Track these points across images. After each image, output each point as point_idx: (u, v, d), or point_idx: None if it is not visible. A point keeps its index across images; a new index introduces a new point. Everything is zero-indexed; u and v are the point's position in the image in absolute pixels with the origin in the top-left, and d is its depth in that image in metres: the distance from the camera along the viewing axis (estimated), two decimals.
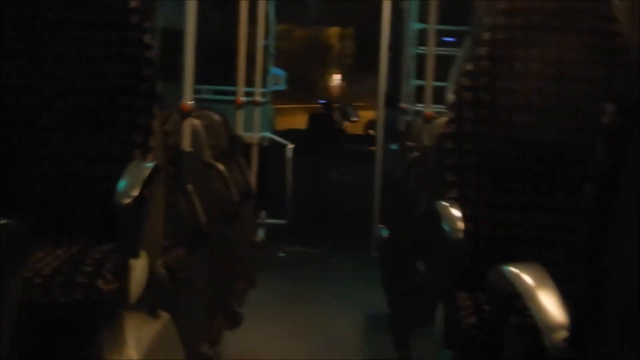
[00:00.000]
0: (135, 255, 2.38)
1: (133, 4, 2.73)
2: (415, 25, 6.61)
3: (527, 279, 1.57)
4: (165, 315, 2.80)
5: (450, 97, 2.82)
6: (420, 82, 5.85)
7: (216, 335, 4.06)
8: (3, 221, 1.70)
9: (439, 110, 4.61)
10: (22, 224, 1.78)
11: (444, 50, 5.54)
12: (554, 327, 1.40)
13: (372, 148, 7.27)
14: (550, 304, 1.45)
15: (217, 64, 7.28)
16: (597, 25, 2.71)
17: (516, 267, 1.64)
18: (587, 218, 1.33)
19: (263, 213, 6.36)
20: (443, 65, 4.88)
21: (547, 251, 2.54)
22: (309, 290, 6.01)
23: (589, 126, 2.65)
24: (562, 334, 1.37)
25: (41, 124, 2.64)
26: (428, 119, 4.34)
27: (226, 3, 6.68)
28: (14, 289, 1.83)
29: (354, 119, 10.53)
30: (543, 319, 1.43)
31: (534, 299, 1.50)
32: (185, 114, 3.63)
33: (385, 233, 5.11)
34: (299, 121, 10.63)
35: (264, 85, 6.99)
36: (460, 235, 2.33)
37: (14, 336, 1.82)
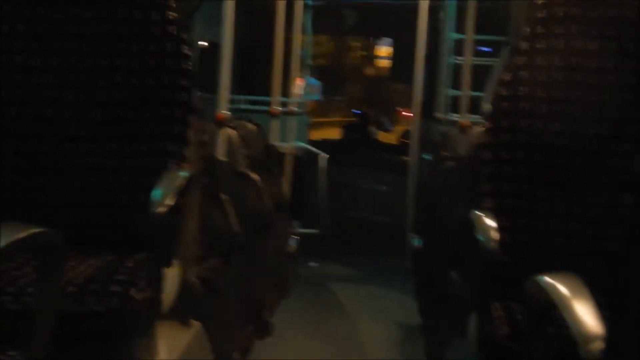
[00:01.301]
0: (169, 265, 2.38)
1: (171, 16, 2.74)
2: (452, 35, 6.60)
3: (563, 289, 1.55)
4: (197, 325, 2.80)
5: (488, 106, 2.80)
6: (456, 92, 5.83)
7: (247, 345, 4.06)
8: (40, 229, 1.70)
9: (475, 120, 4.59)
10: (59, 232, 1.79)
11: (481, 60, 5.52)
12: (590, 338, 1.38)
13: (406, 158, 7.24)
14: (587, 315, 1.43)
15: (253, 74, 7.30)
16: (637, 34, 2.69)
17: (552, 277, 1.62)
18: (625, 228, 1.31)
19: (296, 223, 6.36)
20: (478, 75, 4.86)
21: (583, 261, 2.52)
22: (340, 300, 5.98)
23: (628, 135, 2.63)
24: (599, 345, 1.35)
25: (82, 136, 2.66)
26: (464, 129, 4.32)
27: (263, 14, 6.70)
28: (51, 299, 1.84)
29: (389, 129, 10.50)
30: (579, 329, 1.41)
31: (570, 309, 1.48)
32: (221, 124, 3.64)
33: (418, 243, 5.08)
34: (335, 133, 10.62)
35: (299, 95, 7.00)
36: (495, 245, 2.31)
37: (49, 344, 1.83)
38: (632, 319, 1.27)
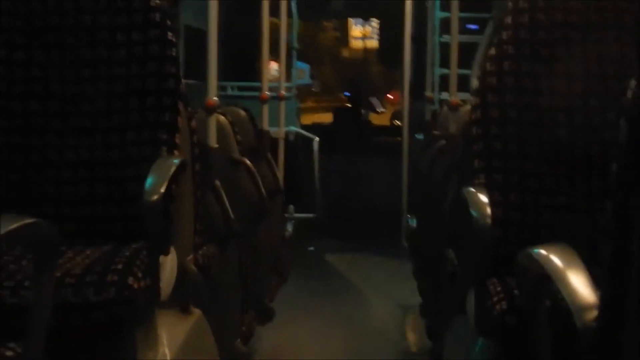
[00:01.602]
0: (165, 253, 2.39)
1: (154, 3, 2.74)
2: (438, 14, 6.61)
3: (557, 260, 1.56)
4: (197, 312, 2.81)
5: (475, 83, 2.80)
6: (445, 71, 5.84)
7: (249, 331, 4.07)
8: (33, 220, 1.71)
9: (465, 98, 4.60)
10: (51, 224, 1.80)
11: (468, 38, 5.53)
12: (584, 307, 1.39)
13: (399, 139, 7.26)
14: (581, 285, 1.44)
15: (241, 60, 7.31)
16: (618, 3, 2.69)
17: (545, 249, 1.63)
18: (612, 199, 1.32)
19: (291, 207, 6.38)
20: (468, 53, 4.86)
21: (577, 235, 2.53)
22: (339, 283, 6.01)
23: (617, 107, 2.63)
24: (593, 314, 1.36)
25: (70, 129, 2.66)
26: (454, 107, 4.32)
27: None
28: (47, 291, 1.85)
29: (380, 111, 10.51)
30: (573, 299, 1.42)
31: (563, 280, 1.48)
32: (211, 110, 3.64)
33: (414, 223, 5.10)
34: (326, 116, 10.62)
35: (288, 79, 7.01)
36: (489, 221, 2.32)
37: (46, 336, 1.83)
38: (627, 290, 1.28)
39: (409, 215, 5.84)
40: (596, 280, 1.45)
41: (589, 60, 2.66)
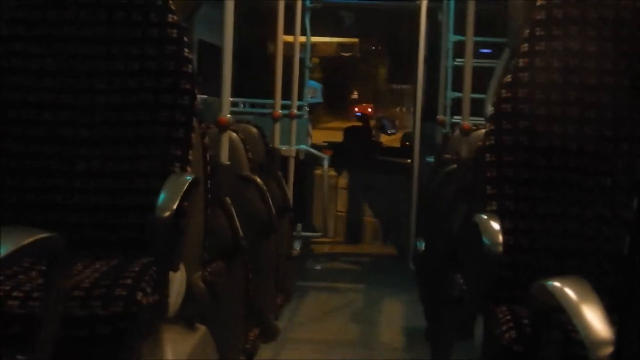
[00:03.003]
0: (175, 269, 2.39)
1: (171, 18, 2.74)
2: (452, 37, 6.62)
3: (572, 293, 1.55)
4: (202, 328, 2.80)
5: (489, 109, 2.81)
6: (457, 95, 5.84)
7: (252, 348, 4.06)
8: (46, 234, 1.71)
9: (476, 122, 4.59)
10: (63, 237, 1.79)
11: (481, 62, 5.53)
12: (599, 343, 1.38)
13: (409, 160, 7.25)
14: (595, 319, 1.43)
15: (255, 77, 7.33)
16: (636, 34, 2.69)
17: (559, 281, 1.62)
18: (630, 230, 1.31)
19: (299, 226, 6.37)
20: (480, 77, 4.86)
21: (587, 263, 2.52)
22: (345, 303, 5.99)
23: (629, 136, 2.63)
24: (608, 349, 1.35)
25: (81, 139, 2.66)
26: (466, 131, 4.32)
27: (263, 16, 6.72)
28: (56, 303, 1.84)
29: (391, 132, 10.51)
30: (588, 334, 1.41)
31: (578, 314, 1.47)
32: (223, 127, 3.64)
33: (422, 245, 5.09)
34: (337, 135, 10.61)
35: (300, 98, 7.02)
36: (500, 248, 2.31)
37: (53, 349, 1.83)
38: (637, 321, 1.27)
39: (417, 238, 5.83)
40: (610, 311, 1.44)
41: (603, 89, 2.66)
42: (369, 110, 12.27)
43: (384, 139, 10.23)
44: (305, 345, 4.76)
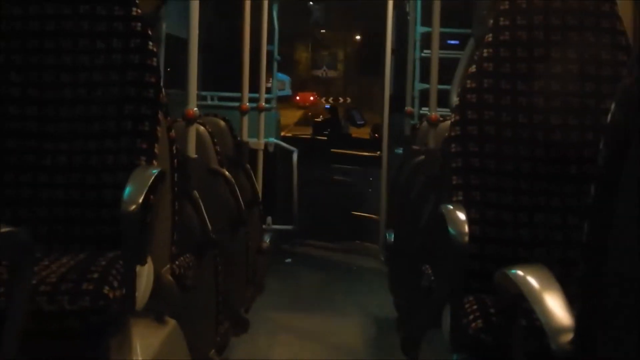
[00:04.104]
0: (142, 262, 2.38)
1: (135, 12, 2.74)
2: (419, 29, 6.63)
3: (533, 281, 1.56)
4: (172, 322, 2.80)
5: (455, 99, 2.82)
6: (425, 86, 5.85)
7: (223, 342, 4.06)
8: (9, 229, 1.70)
9: (444, 113, 4.60)
10: (28, 232, 1.79)
11: (449, 53, 5.54)
12: (559, 330, 1.39)
13: (378, 153, 7.27)
14: (556, 307, 1.44)
15: (222, 70, 7.30)
16: (600, 24, 2.71)
17: (522, 269, 1.63)
18: (589, 218, 1.32)
19: (269, 219, 6.37)
20: (448, 68, 4.88)
21: (554, 252, 2.54)
22: (315, 296, 6.00)
23: (593, 125, 2.65)
24: (568, 337, 1.36)
25: (48, 134, 2.65)
26: (433, 122, 4.33)
27: (229, 9, 6.69)
28: (21, 297, 1.84)
29: (360, 123, 10.51)
30: (549, 321, 1.42)
31: (539, 301, 1.49)
32: (190, 120, 3.63)
33: (391, 237, 5.10)
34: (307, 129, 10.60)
35: (269, 90, 7.01)
36: (466, 238, 2.32)
37: (20, 344, 1.82)
38: (598, 309, 1.28)
39: (387, 230, 5.84)
40: (571, 300, 1.45)
41: (568, 78, 2.68)
42: (311, 98, 12.17)
43: (353, 131, 10.23)
44: (276, 339, 4.76)
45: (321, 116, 11.33)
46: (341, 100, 11.86)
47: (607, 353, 1.24)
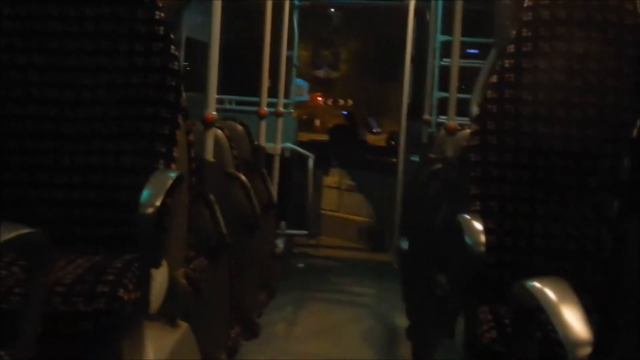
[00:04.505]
0: (157, 265, 2.38)
1: (158, 15, 2.74)
2: (439, 37, 6.62)
3: (551, 293, 1.55)
4: (184, 325, 2.80)
5: (475, 109, 2.81)
6: (443, 94, 5.84)
7: (234, 346, 4.06)
8: (27, 230, 1.70)
9: (462, 122, 4.60)
10: (46, 233, 1.79)
11: (468, 62, 5.54)
12: (577, 343, 1.38)
13: (394, 160, 7.26)
14: (574, 320, 1.44)
15: (241, 75, 7.31)
16: (623, 36, 2.70)
17: (540, 282, 1.63)
18: (612, 230, 1.32)
19: (283, 224, 6.37)
20: (466, 77, 4.87)
21: (570, 263, 2.53)
22: (328, 302, 5.99)
23: (613, 137, 2.64)
24: (586, 350, 1.36)
25: (66, 135, 2.65)
26: (451, 131, 4.32)
27: (251, 14, 6.70)
28: (38, 298, 1.84)
29: (377, 131, 10.51)
30: (567, 334, 1.42)
31: (557, 314, 1.48)
32: (209, 124, 3.64)
33: (405, 245, 5.09)
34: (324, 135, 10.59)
35: (287, 96, 7.01)
36: (483, 249, 2.32)
37: (35, 345, 1.82)
38: (619, 322, 1.28)
39: (401, 237, 5.84)
40: (589, 310, 1.44)
41: (589, 90, 2.67)
42: (319, 98, 12.09)
43: (369, 138, 10.23)
44: (287, 344, 4.76)
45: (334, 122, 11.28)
46: (341, 102, 11.77)
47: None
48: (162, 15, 2.75)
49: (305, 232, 6.88)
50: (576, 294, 1.52)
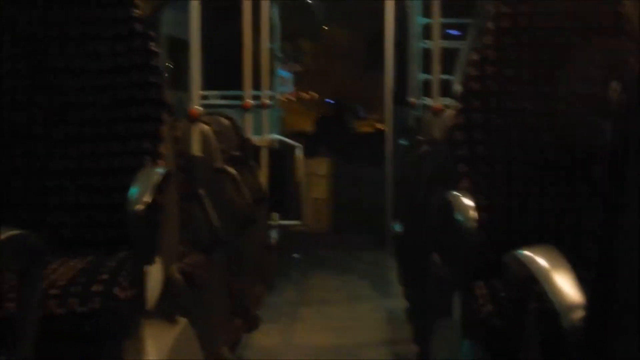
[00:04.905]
0: (151, 262, 2.38)
1: (137, 13, 2.74)
2: (420, 20, 6.62)
3: (542, 261, 1.56)
4: (183, 321, 2.80)
5: (458, 88, 2.81)
6: (427, 77, 5.85)
7: (235, 339, 4.07)
8: (19, 232, 1.70)
9: (447, 103, 4.60)
10: (38, 235, 1.79)
11: (450, 44, 5.54)
12: (571, 308, 1.39)
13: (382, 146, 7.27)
14: (566, 285, 1.44)
15: (224, 69, 7.30)
16: (602, 14, 2.70)
17: (530, 250, 1.63)
18: (600, 202, 1.32)
19: (275, 215, 6.38)
20: (449, 58, 4.88)
21: (562, 237, 2.54)
22: (324, 290, 6.01)
23: (599, 110, 2.64)
24: (580, 314, 1.36)
25: (53, 138, 2.65)
26: (437, 113, 4.33)
27: (230, 8, 6.69)
28: (33, 302, 1.84)
29: (364, 117, 10.51)
30: (559, 300, 1.42)
31: (549, 280, 1.49)
32: (194, 120, 3.64)
33: (398, 228, 5.10)
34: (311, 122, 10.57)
35: (271, 87, 7.01)
36: (474, 224, 2.32)
37: (33, 348, 1.83)
38: (613, 292, 1.28)
39: (393, 221, 5.85)
40: (582, 281, 1.45)
41: (573, 63, 2.67)
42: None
43: (357, 125, 10.23)
44: (287, 334, 4.77)
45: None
46: (307, 96, 11.70)
47: (620, 331, 1.24)
48: (140, 12, 2.75)
49: (299, 222, 6.89)
50: (572, 266, 1.53)
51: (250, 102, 5.39)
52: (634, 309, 1.21)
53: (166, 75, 2.92)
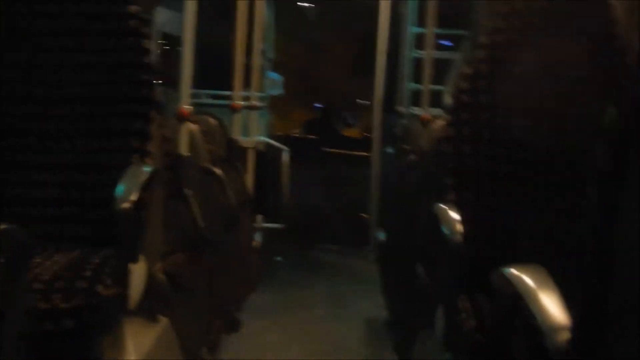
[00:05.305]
0: (135, 260, 2.37)
1: (131, 10, 2.73)
2: (413, 29, 6.63)
3: (529, 280, 1.57)
4: (164, 321, 2.80)
5: (449, 100, 2.82)
6: (417, 86, 5.85)
7: (215, 341, 4.06)
8: (3, 226, 1.69)
9: (436, 113, 4.61)
10: (22, 230, 1.78)
11: (441, 54, 5.55)
12: (556, 329, 1.39)
13: (368, 154, 7.27)
14: (552, 306, 1.45)
15: (215, 69, 7.28)
16: (595, 27, 2.71)
17: (518, 269, 1.64)
18: (589, 220, 1.33)
19: (259, 217, 6.37)
20: (440, 68, 4.89)
21: (547, 253, 2.54)
22: (307, 295, 6.00)
23: (588, 128, 2.64)
24: (565, 335, 1.37)
25: (41, 132, 2.64)
26: (425, 122, 4.34)
27: (225, 7, 6.67)
28: (17, 295, 1.83)
29: (352, 123, 10.51)
30: (545, 320, 1.43)
31: (535, 300, 1.49)
32: (183, 119, 3.63)
33: (383, 237, 5.10)
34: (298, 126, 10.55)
35: (261, 89, 7.00)
36: (459, 238, 2.33)
37: (15, 342, 1.82)
38: (596, 309, 1.28)
39: (378, 229, 5.84)
40: (567, 300, 1.45)
41: (565, 82, 2.68)
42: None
43: (344, 131, 10.22)
44: (267, 337, 4.76)
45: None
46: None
47: (604, 352, 1.25)
48: (134, 9, 2.74)
49: (282, 225, 6.88)
50: (556, 284, 1.53)
51: (239, 103, 5.38)
52: (621, 328, 1.22)
53: (162, 73, 2.91)
